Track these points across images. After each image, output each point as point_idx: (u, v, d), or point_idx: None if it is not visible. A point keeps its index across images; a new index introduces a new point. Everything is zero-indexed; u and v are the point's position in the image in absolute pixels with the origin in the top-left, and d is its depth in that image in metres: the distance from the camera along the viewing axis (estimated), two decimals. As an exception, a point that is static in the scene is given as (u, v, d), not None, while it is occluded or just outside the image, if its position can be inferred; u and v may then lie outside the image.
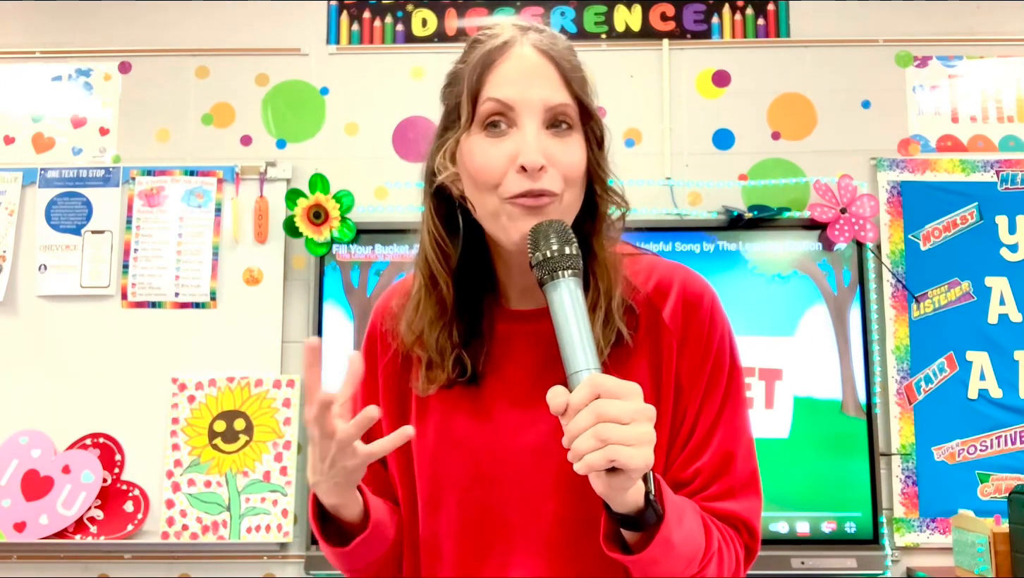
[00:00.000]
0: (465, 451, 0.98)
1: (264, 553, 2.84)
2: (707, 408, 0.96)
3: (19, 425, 2.90)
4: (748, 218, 2.91)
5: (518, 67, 0.93)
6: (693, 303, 0.98)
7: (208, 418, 2.88)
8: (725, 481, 0.95)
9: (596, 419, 0.76)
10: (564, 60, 0.94)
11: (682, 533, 0.85)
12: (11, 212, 3.05)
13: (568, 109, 0.93)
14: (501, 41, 0.94)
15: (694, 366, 0.97)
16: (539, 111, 0.91)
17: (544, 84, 0.92)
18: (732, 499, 0.95)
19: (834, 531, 2.78)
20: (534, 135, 0.90)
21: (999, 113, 3.06)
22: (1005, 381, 2.88)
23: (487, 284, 1.02)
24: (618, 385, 0.78)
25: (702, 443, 0.96)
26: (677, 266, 1.02)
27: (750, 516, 0.96)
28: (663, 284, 0.99)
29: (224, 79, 3.13)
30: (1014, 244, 2.95)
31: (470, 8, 3.16)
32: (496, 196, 0.92)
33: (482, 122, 0.93)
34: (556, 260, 0.86)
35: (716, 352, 0.97)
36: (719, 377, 0.97)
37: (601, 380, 0.79)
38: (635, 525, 0.83)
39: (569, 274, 0.86)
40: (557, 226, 0.89)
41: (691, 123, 3.07)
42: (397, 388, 1.04)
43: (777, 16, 3.12)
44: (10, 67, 3.16)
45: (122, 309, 2.98)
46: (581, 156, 0.94)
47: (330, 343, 2.88)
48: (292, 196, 2.90)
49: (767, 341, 2.86)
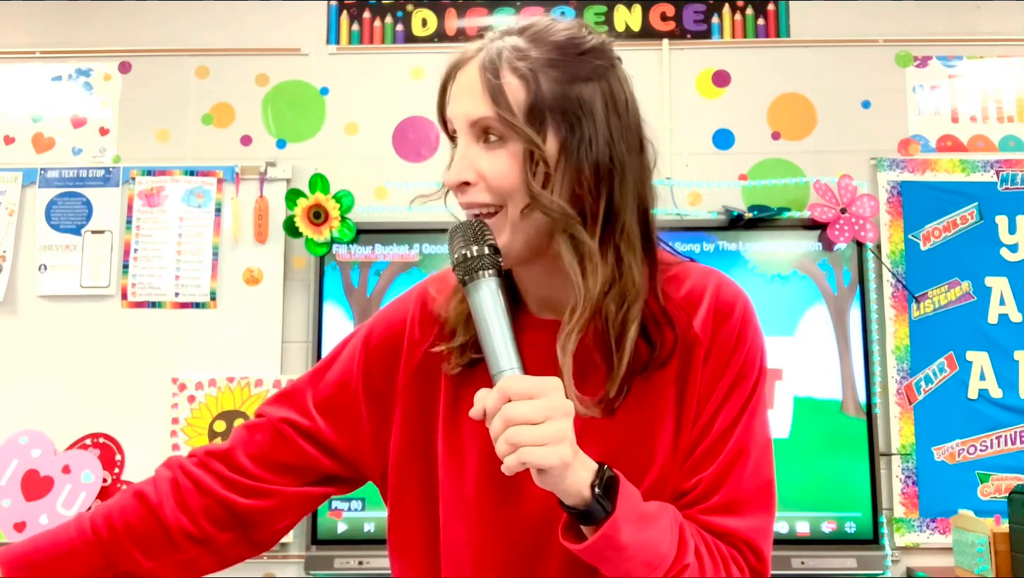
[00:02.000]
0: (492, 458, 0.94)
1: (264, 553, 2.84)
2: (721, 418, 0.93)
3: (19, 425, 2.90)
4: (748, 218, 2.91)
5: (458, 84, 0.94)
6: (724, 313, 0.96)
7: (208, 418, 2.88)
8: (726, 493, 0.91)
9: (505, 424, 0.77)
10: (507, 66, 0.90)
11: (640, 537, 0.83)
12: (11, 212, 3.05)
13: (489, 121, 0.90)
14: (458, 58, 0.95)
15: (715, 376, 0.94)
16: (465, 126, 0.92)
17: (469, 98, 0.92)
18: (734, 515, 0.90)
19: (834, 531, 2.78)
20: (462, 151, 0.92)
21: (999, 113, 3.06)
22: (1005, 381, 2.88)
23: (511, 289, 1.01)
24: (530, 385, 0.79)
25: (708, 453, 0.92)
26: (711, 272, 1.00)
27: (753, 536, 0.90)
28: (696, 292, 0.98)
29: (224, 79, 3.13)
30: (1014, 244, 2.95)
31: (470, 8, 3.16)
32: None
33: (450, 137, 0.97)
34: (472, 260, 0.86)
35: (742, 364, 0.95)
36: (740, 389, 0.94)
37: (510, 383, 0.79)
38: (583, 518, 0.83)
39: (487, 274, 0.86)
40: (469, 227, 0.89)
41: (691, 123, 3.07)
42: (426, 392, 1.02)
43: (777, 16, 3.12)
44: (10, 67, 3.16)
45: (122, 309, 2.98)
46: (504, 168, 0.90)
47: (330, 343, 2.88)
48: (292, 196, 2.90)
49: (767, 341, 2.85)
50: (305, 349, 2.94)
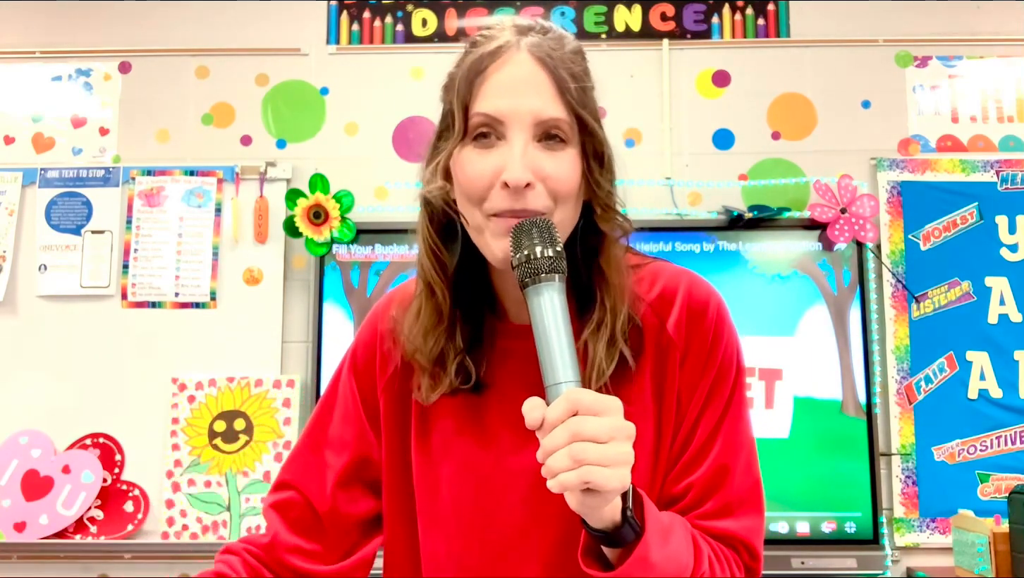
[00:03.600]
0: (468, 471, 0.95)
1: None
2: (705, 420, 0.93)
3: (19, 425, 2.90)
4: (748, 218, 2.91)
5: (509, 76, 0.88)
6: (698, 312, 0.94)
7: (208, 418, 2.88)
8: (721, 497, 0.91)
9: (572, 437, 0.73)
10: (562, 68, 0.89)
11: (665, 552, 0.81)
12: (11, 212, 3.05)
13: (561, 123, 0.87)
14: (495, 46, 0.89)
15: (695, 377, 0.93)
16: (528, 125, 0.87)
17: (535, 95, 0.87)
18: (729, 517, 0.90)
19: (834, 531, 2.78)
20: (521, 149, 0.86)
21: (999, 113, 3.06)
22: (1005, 381, 2.88)
23: (486, 296, 0.98)
24: (597, 401, 0.75)
25: (697, 456, 0.92)
26: (682, 272, 0.98)
27: (749, 536, 0.91)
28: (667, 293, 0.96)
29: (224, 79, 3.13)
30: (1014, 244, 2.95)
31: (470, 8, 3.16)
32: (481, 211, 0.88)
33: (472, 133, 0.89)
34: (538, 262, 0.81)
35: (720, 363, 0.94)
36: (720, 389, 0.94)
37: (579, 395, 0.75)
38: (612, 542, 0.80)
39: (552, 278, 0.81)
40: (541, 224, 0.84)
41: (691, 123, 3.07)
42: (399, 405, 1.01)
43: (777, 16, 3.12)
44: (10, 67, 3.16)
45: (122, 309, 2.98)
46: (572, 172, 0.88)
47: (330, 343, 2.88)
48: (292, 196, 2.90)
49: (767, 341, 2.86)
50: (305, 349, 2.94)
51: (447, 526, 0.96)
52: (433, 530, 0.97)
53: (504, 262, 0.86)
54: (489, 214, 0.88)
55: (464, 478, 0.95)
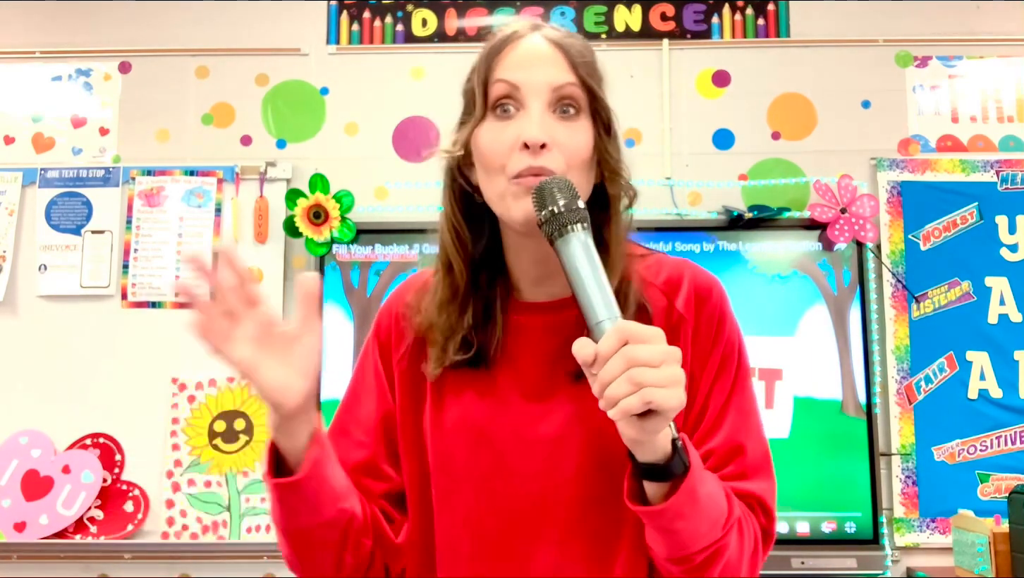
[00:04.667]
0: (483, 442, 0.98)
1: (264, 553, 2.84)
2: (717, 393, 0.98)
3: (19, 425, 2.90)
4: (748, 218, 2.91)
5: (526, 51, 0.96)
6: (703, 295, 1.01)
7: (208, 418, 2.88)
8: (739, 463, 0.96)
9: (628, 364, 0.77)
10: (572, 48, 0.97)
11: (707, 490, 0.85)
12: (11, 212, 3.05)
13: (574, 90, 0.95)
14: (511, 31, 0.98)
15: (705, 352, 0.98)
16: (545, 92, 0.94)
17: (550, 67, 0.95)
18: (747, 480, 0.95)
19: (834, 531, 2.78)
20: (539, 114, 0.93)
21: (999, 113, 3.06)
22: (1005, 381, 2.88)
23: (501, 275, 1.03)
24: (644, 330, 0.79)
25: (713, 425, 0.97)
26: (685, 262, 1.05)
27: (765, 495, 0.96)
28: (674, 278, 1.02)
29: (224, 79, 3.13)
30: (1014, 244, 2.95)
31: (470, 8, 3.16)
32: (503, 177, 0.93)
33: (493, 107, 0.96)
34: (564, 215, 0.85)
35: (727, 341, 1.00)
36: (729, 365, 0.99)
37: (627, 325, 0.79)
38: (661, 475, 0.83)
39: (580, 228, 0.85)
40: (561, 183, 0.88)
41: (691, 123, 3.07)
42: (412, 380, 1.04)
43: (777, 16, 3.12)
44: (10, 67, 3.16)
45: (122, 309, 2.98)
46: (586, 139, 0.95)
47: (330, 343, 2.88)
48: (292, 196, 2.90)
49: (767, 341, 2.86)
50: (305, 349, 2.94)
51: (463, 497, 0.99)
52: (448, 501, 1.00)
53: (526, 223, 0.91)
54: (510, 178, 0.92)
55: (479, 449, 0.98)
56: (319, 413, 0.92)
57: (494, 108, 0.95)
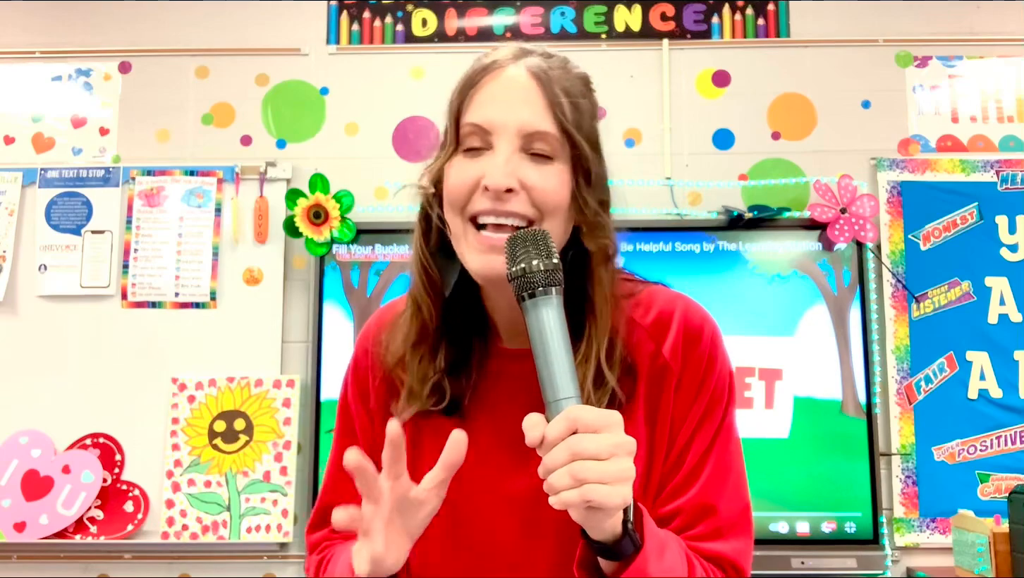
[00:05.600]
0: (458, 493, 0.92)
1: (264, 553, 2.84)
2: (696, 444, 0.93)
3: (19, 425, 2.90)
4: (748, 218, 2.91)
5: (500, 88, 0.89)
6: (693, 337, 0.94)
7: (208, 418, 2.88)
8: (711, 522, 0.91)
9: (572, 456, 0.73)
10: (556, 84, 0.89)
11: (661, 567, 0.81)
12: (11, 212, 3.05)
13: (548, 138, 0.88)
14: (490, 60, 0.92)
15: (688, 401, 0.93)
16: (514, 134, 0.88)
17: (524, 106, 0.88)
18: (719, 540, 0.91)
19: (834, 531, 2.78)
20: (505, 156, 0.87)
21: (999, 113, 3.06)
22: (1005, 381, 2.88)
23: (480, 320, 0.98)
24: (597, 418, 0.75)
25: (687, 480, 0.92)
26: (677, 297, 0.98)
27: (737, 557, 0.91)
28: (663, 317, 0.95)
29: (224, 79, 3.13)
30: (1014, 244, 2.95)
31: (470, 8, 3.16)
32: (461, 217, 0.89)
33: (463, 145, 0.91)
34: (534, 275, 0.80)
35: (713, 389, 0.94)
36: (713, 413, 0.94)
37: (579, 413, 0.75)
38: (611, 554, 0.80)
39: (553, 292, 0.80)
40: (536, 235, 0.83)
41: (691, 123, 3.07)
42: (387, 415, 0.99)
43: (777, 16, 3.12)
44: (10, 67, 3.16)
45: (122, 309, 2.98)
46: (559, 185, 0.88)
47: (330, 343, 2.88)
48: (292, 196, 2.90)
49: (767, 341, 2.86)
50: (305, 349, 2.94)
51: (438, 550, 0.95)
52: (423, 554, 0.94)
53: (485, 278, 0.87)
54: (469, 216, 0.88)
55: (456, 502, 0.92)
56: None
57: (464, 147, 0.90)
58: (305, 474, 2.84)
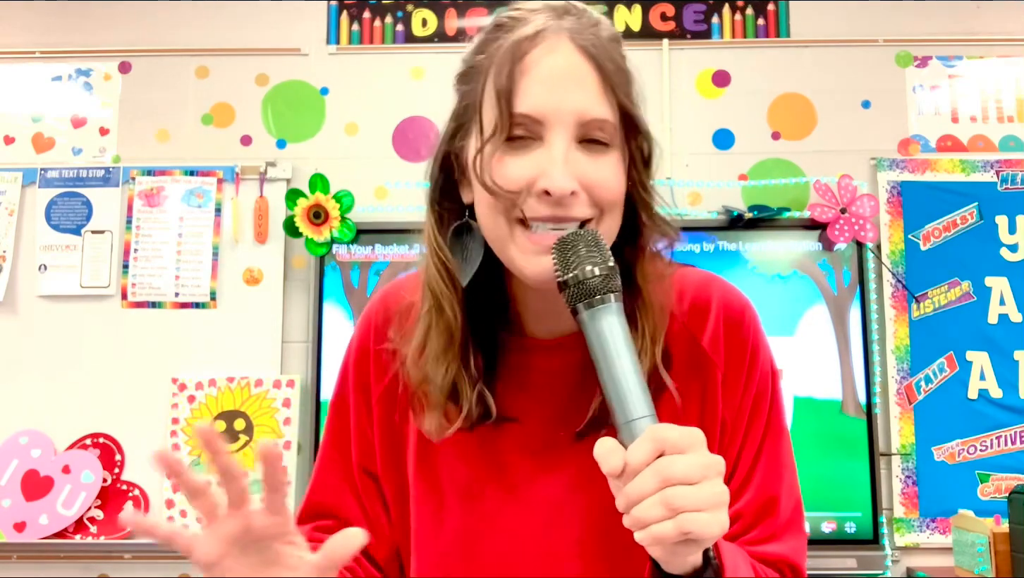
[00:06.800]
0: (475, 500, 0.86)
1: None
2: (749, 444, 0.86)
3: (19, 425, 2.90)
4: (748, 218, 2.91)
5: (551, 68, 0.76)
6: (734, 324, 0.86)
7: (208, 418, 2.88)
8: (769, 524, 0.86)
9: (662, 482, 0.64)
10: (608, 60, 0.78)
11: None
12: (11, 212, 3.05)
13: (607, 125, 0.78)
14: (533, 30, 0.78)
15: (736, 398, 0.86)
16: (571, 125, 0.76)
17: (580, 91, 0.76)
18: (777, 541, 0.86)
19: (834, 531, 2.78)
20: (563, 154, 0.75)
21: (999, 113, 3.06)
22: (1005, 381, 2.88)
23: (498, 305, 0.87)
24: (682, 436, 0.66)
25: (743, 484, 0.86)
26: (712, 279, 0.89)
27: (796, 557, 0.86)
28: (700, 303, 0.87)
29: (224, 79, 3.13)
30: (1014, 244, 2.95)
31: (470, 8, 3.16)
32: (507, 220, 0.78)
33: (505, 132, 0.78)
34: (590, 282, 0.71)
35: (759, 380, 0.87)
36: (760, 407, 0.87)
37: (663, 432, 0.66)
38: None
39: (612, 299, 0.71)
40: (587, 237, 0.74)
41: (691, 123, 3.07)
42: (393, 421, 0.91)
43: (777, 16, 3.12)
44: (10, 67, 3.16)
45: (122, 309, 2.98)
46: (618, 178, 0.80)
47: (330, 343, 2.88)
48: (292, 196, 2.90)
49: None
50: (305, 349, 2.94)
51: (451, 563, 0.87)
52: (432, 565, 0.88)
53: (539, 282, 0.77)
54: (519, 219, 0.78)
55: (472, 510, 0.86)
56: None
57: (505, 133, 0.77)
58: (305, 474, 2.84)
